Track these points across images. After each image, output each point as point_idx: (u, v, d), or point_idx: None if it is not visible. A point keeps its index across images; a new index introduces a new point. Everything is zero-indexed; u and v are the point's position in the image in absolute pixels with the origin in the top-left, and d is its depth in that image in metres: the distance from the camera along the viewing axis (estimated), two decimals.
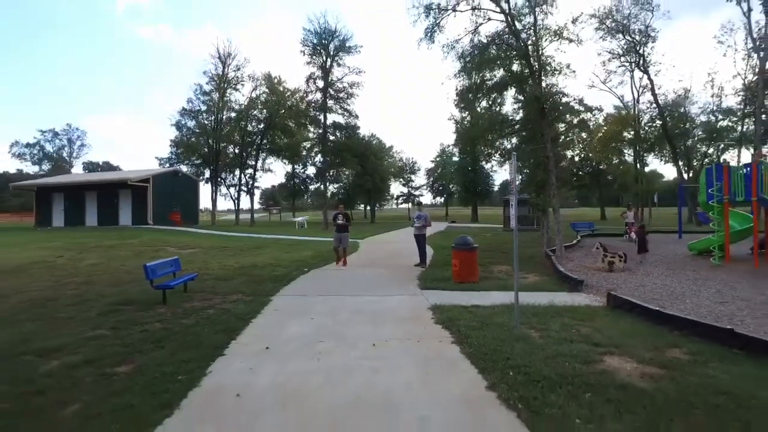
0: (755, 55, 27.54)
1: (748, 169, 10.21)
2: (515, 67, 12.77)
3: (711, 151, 46.95)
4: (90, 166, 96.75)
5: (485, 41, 12.76)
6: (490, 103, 14.04)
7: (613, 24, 30.65)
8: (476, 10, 12.52)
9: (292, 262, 11.48)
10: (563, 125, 16.41)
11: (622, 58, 32.24)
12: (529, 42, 12.78)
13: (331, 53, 27.33)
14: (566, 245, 12.57)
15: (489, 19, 12.52)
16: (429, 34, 12.97)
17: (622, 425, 2.83)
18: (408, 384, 3.60)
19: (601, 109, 47.26)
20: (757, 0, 24.17)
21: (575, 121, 52.15)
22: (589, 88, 39.48)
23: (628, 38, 30.75)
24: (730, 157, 37.27)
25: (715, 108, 37.29)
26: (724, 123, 39.55)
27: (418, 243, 10.74)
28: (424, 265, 10.45)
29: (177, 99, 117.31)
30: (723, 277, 8.30)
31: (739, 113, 33.34)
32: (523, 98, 13.65)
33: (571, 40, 12.10)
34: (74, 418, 3.07)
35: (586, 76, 54.12)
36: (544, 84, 12.93)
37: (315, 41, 27.00)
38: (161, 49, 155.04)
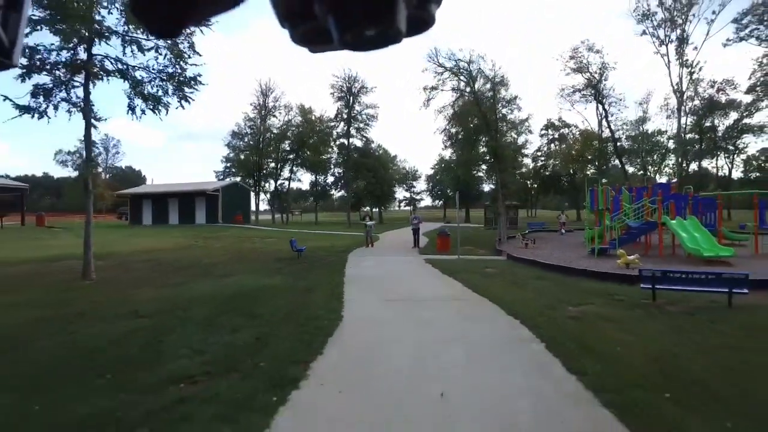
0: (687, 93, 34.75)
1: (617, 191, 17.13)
2: (478, 123, 19.80)
3: (680, 159, 53.82)
4: (114, 170, 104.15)
5: (459, 107, 19.81)
6: (467, 145, 21.11)
7: (574, 66, 37.53)
8: (454, 90, 19.57)
9: (342, 245, 18.47)
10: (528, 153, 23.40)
11: (582, 92, 39.07)
12: (489, 103, 19.78)
13: (354, 93, 34.74)
14: (510, 236, 19.52)
15: (463, 95, 19.55)
16: (426, 103, 20.02)
17: (480, 278, 9.78)
18: (412, 272, 10.61)
19: (576, 126, 54.12)
20: (675, 56, 31.05)
21: (557, 135, 58.95)
22: (559, 111, 46.22)
23: (586, 76, 37.60)
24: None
25: (668, 128, 44.35)
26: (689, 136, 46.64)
27: (414, 233, 17.70)
28: (417, 247, 17.32)
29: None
30: (577, 251, 15.24)
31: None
32: (487, 140, 20.68)
33: (512, 109, 19.12)
34: (319, 275, 10.05)
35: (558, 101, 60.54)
36: (503, 127, 19.96)
37: (341, 84, 34.66)
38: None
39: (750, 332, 4.99)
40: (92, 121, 10.08)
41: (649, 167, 49.10)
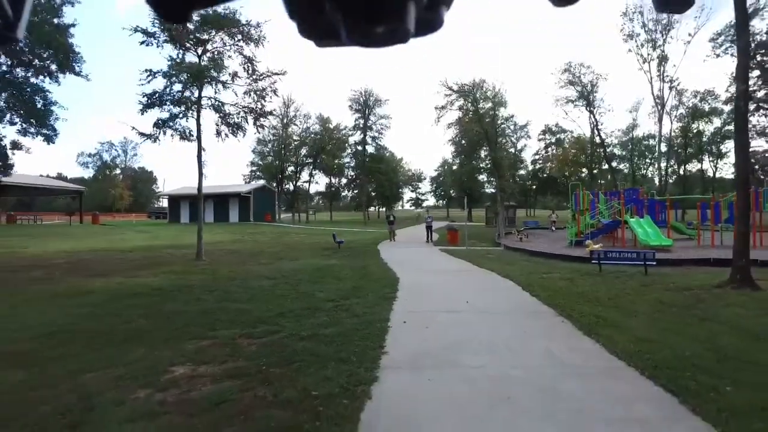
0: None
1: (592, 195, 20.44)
2: (480, 136, 23.18)
3: (672, 162, 57.04)
4: (127, 170, 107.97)
5: (464, 123, 23.19)
6: (471, 154, 24.51)
7: (567, 78, 40.78)
8: (461, 108, 22.94)
9: (368, 239, 21.87)
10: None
11: (575, 103, 42.30)
12: (489, 120, 23.15)
13: (369, 105, 38.37)
14: (508, 232, 22.89)
15: (468, 113, 22.91)
16: (437, 120, 23.42)
17: (483, 260, 13.17)
18: (432, 257, 14.03)
19: (572, 132, 57.17)
20: (656, 73, 34.27)
21: (554, 139, 61.97)
22: (554, 118, 49.38)
23: (578, 89, 40.83)
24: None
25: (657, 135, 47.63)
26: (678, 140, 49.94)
27: (427, 229, 21.11)
28: (430, 241, 20.74)
29: None
30: (561, 243, 18.57)
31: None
32: (487, 151, 24.05)
33: (509, 126, 22.43)
34: (364, 258, 13.46)
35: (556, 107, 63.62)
36: (502, 140, 23.35)
37: (358, 98, 38.38)
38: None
39: (640, 283, 8.38)
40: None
41: (643, 169, 52.36)
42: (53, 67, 12.40)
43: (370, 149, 42.08)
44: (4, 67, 11.50)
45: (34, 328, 5.59)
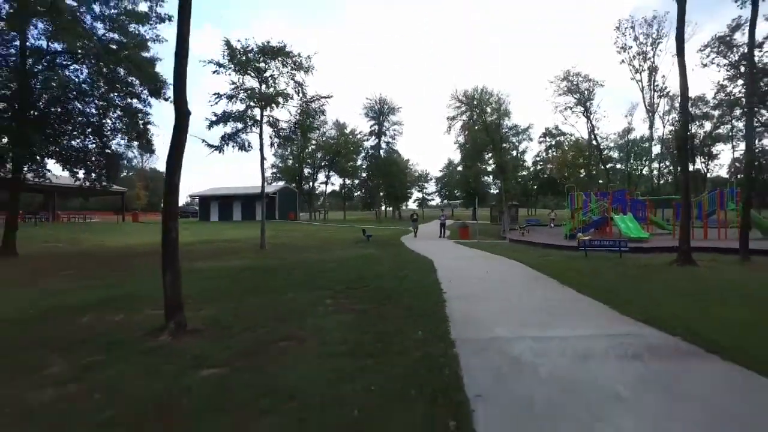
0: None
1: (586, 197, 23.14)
2: (486, 142, 25.91)
3: (667, 163, 59.45)
4: (142, 171, 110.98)
5: (472, 131, 25.92)
6: (477, 158, 27.27)
7: (566, 86, 43.38)
8: (470, 119, 25.64)
9: (390, 235, 24.60)
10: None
11: (573, 109, 44.92)
12: (495, 127, 25.88)
13: (384, 113, 41.42)
14: (512, 228, 25.61)
15: (474, 120, 25.62)
16: (448, 129, 26.17)
17: (493, 249, 15.91)
18: (451, 248, 16.78)
19: (572, 135, 59.62)
20: (647, 83, 36.81)
21: (554, 142, 64.25)
22: (554, 121, 52.02)
23: (576, 96, 43.44)
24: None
25: (651, 138, 50.08)
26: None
27: (441, 226, 23.84)
28: (444, 237, 23.47)
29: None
30: (558, 237, 21.25)
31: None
32: (492, 156, 26.80)
33: (512, 134, 25.14)
34: (394, 249, 16.21)
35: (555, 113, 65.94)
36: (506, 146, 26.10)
37: (372, 106, 41.43)
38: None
39: (614, 263, 11.12)
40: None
41: (640, 170, 54.94)
42: (145, 93, 15.22)
43: (382, 153, 45.16)
44: (115, 94, 14.35)
45: (189, 291, 8.22)
